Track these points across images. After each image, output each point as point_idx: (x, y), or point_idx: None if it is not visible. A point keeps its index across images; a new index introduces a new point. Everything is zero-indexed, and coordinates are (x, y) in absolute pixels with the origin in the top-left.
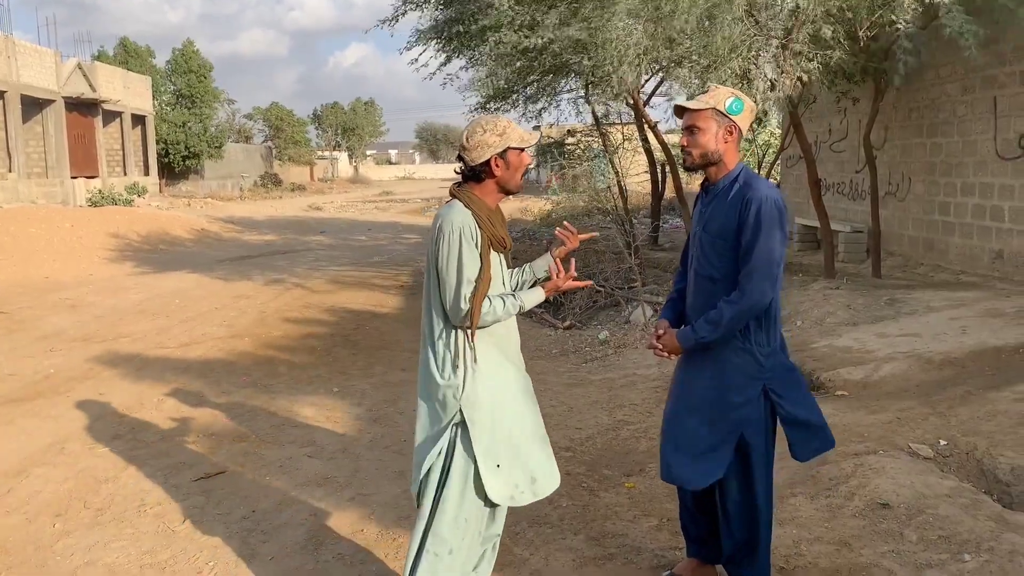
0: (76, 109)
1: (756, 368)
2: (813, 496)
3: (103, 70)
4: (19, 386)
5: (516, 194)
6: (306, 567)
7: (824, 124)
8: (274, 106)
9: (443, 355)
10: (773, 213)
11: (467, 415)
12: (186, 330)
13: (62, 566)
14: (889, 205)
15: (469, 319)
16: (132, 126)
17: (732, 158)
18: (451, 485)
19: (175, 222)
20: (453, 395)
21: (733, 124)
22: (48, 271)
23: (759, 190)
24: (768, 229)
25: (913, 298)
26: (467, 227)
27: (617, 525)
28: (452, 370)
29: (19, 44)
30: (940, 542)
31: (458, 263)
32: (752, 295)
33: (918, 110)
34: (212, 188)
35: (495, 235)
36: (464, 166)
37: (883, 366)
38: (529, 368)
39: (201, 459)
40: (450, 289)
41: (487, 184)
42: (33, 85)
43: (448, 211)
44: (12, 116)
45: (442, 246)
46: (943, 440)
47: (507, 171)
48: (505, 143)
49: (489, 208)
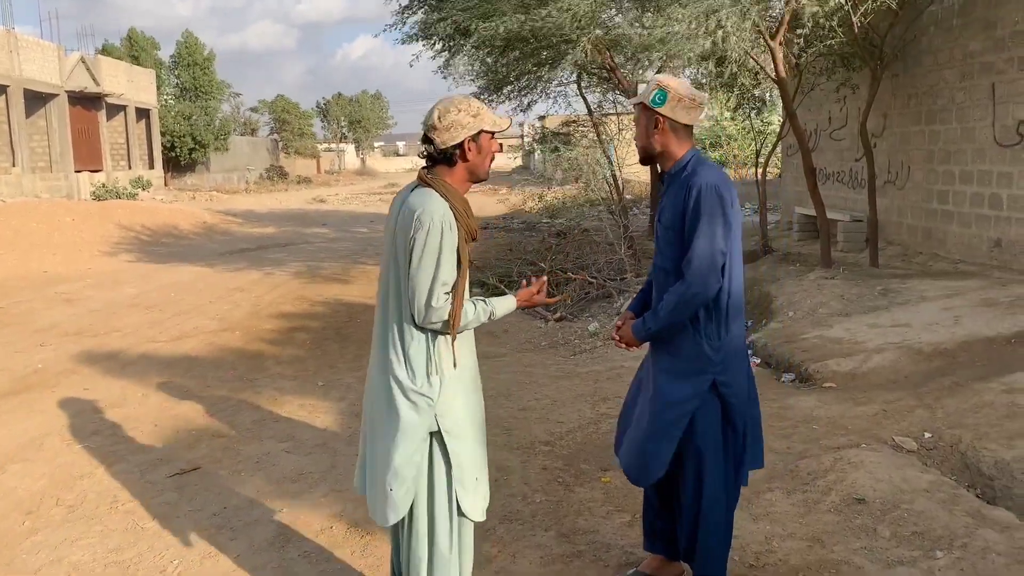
0: (80, 103)
1: (705, 361)
2: (790, 491)
3: (106, 64)
4: (7, 381)
5: (484, 181)
6: (270, 565)
7: (824, 112)
8: (279, 99)
9: (417, 360)
10: (713, 199)
11: (443, 426)
12: (178, 324)
13: (27, 564)
14: (888, 194)
15: (441, 321)
16: (136, 119)
17: (676, 147)
18: (439, 502)
19: (177, 215)
20: (428, 404)
21: (659, 116)
22: (48, 265)
23: (700, 176)
24: (708, 216)
25: (908, 288)
26: (448, 220)
27: (589, 521)
28: (426, 377)
29: (21, 38)
30: (913, 538)
31: (437, 260)
32: (692, 284)
33: (917, 97)
34: (218, 181)
35: (470, 228)
36: (434, 148)
37: (873, 357)
38: (518, 361)
39: (179, 455)
40: (422, 287)
41: (458, 169)
42: (36, 79)
43: (424, 200)
44: (15, 111)
45: (419, 239)
46: (928, 433)
47: (478, 156)
48: (479, 125)
49: (463, 198)
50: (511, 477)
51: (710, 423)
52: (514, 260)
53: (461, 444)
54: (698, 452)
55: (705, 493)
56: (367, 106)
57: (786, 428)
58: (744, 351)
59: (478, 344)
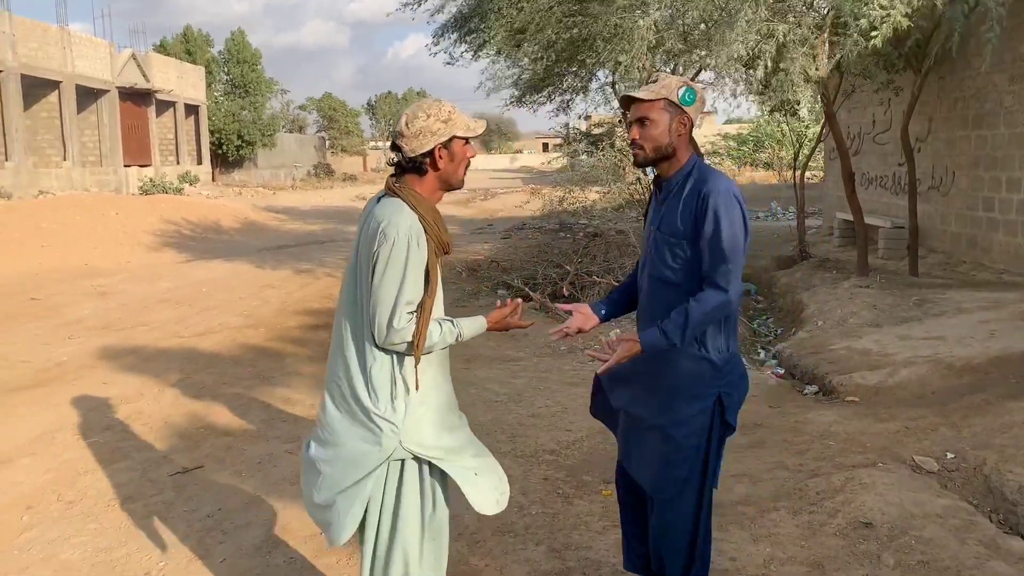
0: (130, 99)
1: (711, 376)
2: (796, 512)
3: (157, 60)
4: (29, 373)
5: (458, 189)
6: (254, 570)
7: (868, 115)
8: (327, 96)
9: (380, 382)
10: (732, 204)
11: (413, 449)
12: (204, 320)
13: (18, 561)
14: (932, 200)
15: (404, 343)
16: (185, 115)
17: (684, 152)
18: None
19: (219, 211)
20: (392, 430)
21: (685, 115)
22: (89, 258)
23: (715, 183)
24: (729, 221)
25: (945, 298)
26: (415, 234)
27: (584, 536)
28: (390, 400)
29: (74, 35)
30: (918, 568)
31: (402, 277)
32: (732, 293)
33: (963, 100)
34: (265, 177)
35: (441, 241)
36: (402, 156)
37: (900, 371)
38: (535, 366)
39: (184, 453)
40: (384, 305)
41: (428, 178)
42: (88, 75)
43: (391, 212)
44: (67, 106)
45: (383, 253)
46: (951, 453)
47: (451, 163)
48: (451, 131)
49: (434, 209)
50: (510, 487)
51: (701, 440)
52: (540, 262)
53: (440, 456)
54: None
55: (679, 506)
56: None
57: (801, 444)
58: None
59: (498, 346)
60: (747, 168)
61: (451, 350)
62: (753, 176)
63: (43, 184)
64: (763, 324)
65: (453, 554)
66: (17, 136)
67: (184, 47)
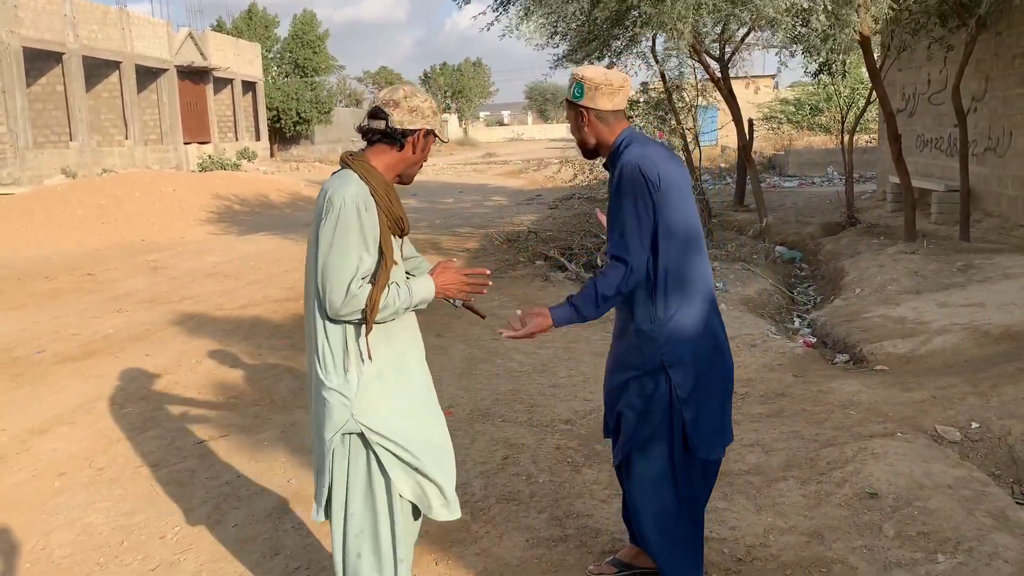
0: (188, 77)
1: (648, 345)
2: (804, 481)
3: (213, 39)
4: (77, 345)
5: (407, 185)
6: (262, 536)
7: (922, 75)
8: (383, 70)
9: (334, 354)
10: (630, 178)
11: (365, 424)
12: (248, 293)
13: (45, 524)
14: (988, 162)
15: (356, 312)
16: (243, 93)
17: (608, 135)
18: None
19: (273, 186)
20: (342, 403)
21: (582, 109)
22: (145, 234)
23: (622, 159)
24: (622, 194)
25: (992, 264)
26: (362, 201)
27: (587, 505)
28: (343, 372)
29: (133, 16)
30: (918, 539)
31: (349, 245)
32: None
33: (1021, 57)
34: (322, 152)
35: (392, 213)
36: (386, 125)
37: (934, 339)
38: (563, 335)
39: (212, 422)
40: (332, 276)
41: (396, 156)
42: (147, 55)
43: (339, 182)
44: (128, 85)
45: (329, 222)
46: (976, 423)
47: (419, 154)
48: (435, 124)
49: (386, 182)
50: (521, 456)
51: (652, 406)
52: (579, 232)
53: (389, 443)
54: (630, 434)
55: (633, 477)
56: (468, 75)
57: (821, 413)
58: (706, 336)
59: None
60: (805, 132)
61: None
62: (811, 141)
63: (106, 162)
64: (803, 292)
65: (455, 520)
66: (81, 116)
67: (248, 25)
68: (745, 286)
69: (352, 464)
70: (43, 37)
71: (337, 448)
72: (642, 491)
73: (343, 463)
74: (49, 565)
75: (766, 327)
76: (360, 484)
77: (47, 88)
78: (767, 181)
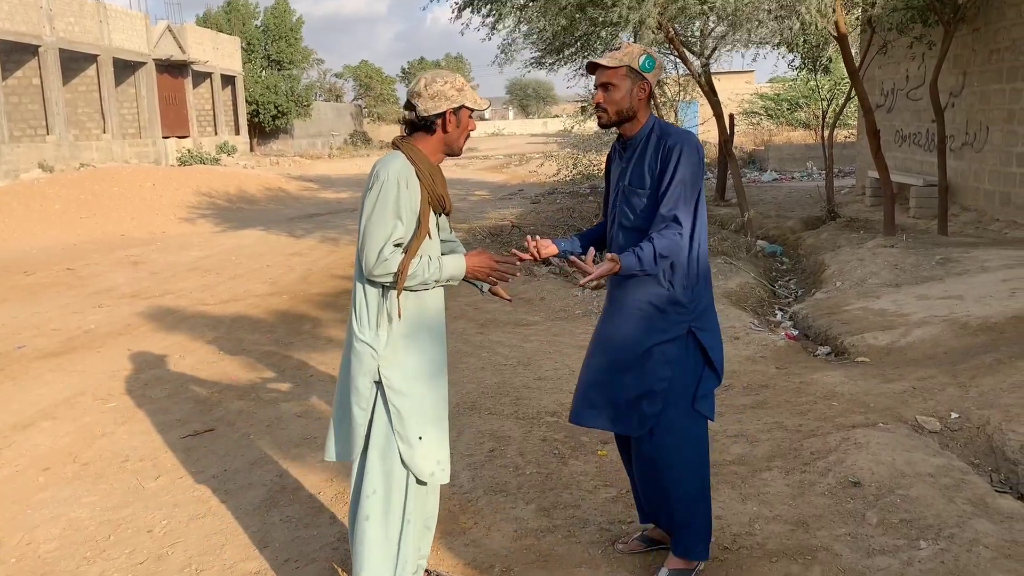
0: (167, 71)
1: (679, 308)
2: (788, 471)
3: (192, 32)
4: (58, 341)
5: (457, 156)
6: (251, 529)
7: (901, 71)
8: (363, 64)
9: (369, 310)
10: (693, 151)
11: (385, 377)
12: (230, 287)
13: (30, 519)
14: (965, 156)
15: (388, 274)
16: (222, 86)
17: (644, 113)
18: (371, 455)
19: (253, 181)
20: (371, 354)
21: (645, 81)
22: (124, 229)
23: (678, 135)
24: (686, 164)
25: (970, 257)
26: (405, 177)
27: (574, 495)
28: (375, 328)
29: (110, 8)
30: (901, 526)
31: (386, 213)
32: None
33: (998, 52)
34: (302, 147)
35: (435, 193)
36: (416, 116)
37: (913, 331)
38: (548, 330)
39: (198, 416)
40: (370, 240)
41: (435, 139)
42: (124, 48)
43: (388, 160)
44: (105, 79)
45: (373, 191)
46: (956, 412)
47: (457, 129)
48: (462, 100)
49: (432, 164)
50: (508, 448)
51: (684, 370)
52: (562, 225)
53: (403, 399)
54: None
55: (671, 435)
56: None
57: (804, 404)
58: (716, 319)
59: (514, 311)
60: (785, 127)
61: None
62: (790, 137)
63: (84, 157)
64: (784, 286)
65: (443, 512)
66: (58, 110)
67: (227, 19)
68: (727, 279)
69: (376, 420)
70: (19, 29)
71: (365, 397)
72: (683, 447)
73: (366, 415)
74: (36, 560)
75: (748, 320)
76: (379, 440)
77: (23, 81)
78: (747, 176)
